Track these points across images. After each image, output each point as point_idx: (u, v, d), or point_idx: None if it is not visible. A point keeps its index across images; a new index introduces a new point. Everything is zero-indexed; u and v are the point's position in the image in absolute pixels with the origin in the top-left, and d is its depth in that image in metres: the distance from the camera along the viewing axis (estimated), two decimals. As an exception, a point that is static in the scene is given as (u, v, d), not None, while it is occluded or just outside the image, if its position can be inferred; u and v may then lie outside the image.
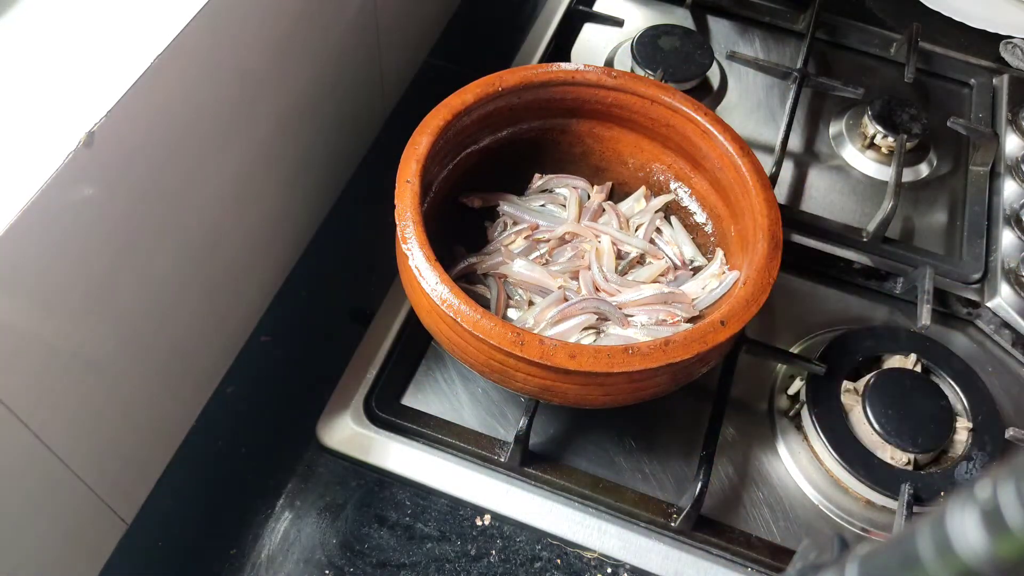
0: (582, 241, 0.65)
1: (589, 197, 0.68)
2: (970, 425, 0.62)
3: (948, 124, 0.79)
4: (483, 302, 0.60)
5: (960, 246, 0.75)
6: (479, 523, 0.59)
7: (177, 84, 0.45)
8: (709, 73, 0.83)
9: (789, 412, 0.64)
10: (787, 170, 0.79)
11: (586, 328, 0.59)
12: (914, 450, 0.60)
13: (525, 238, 0.65)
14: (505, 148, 0.67)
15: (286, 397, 0.64)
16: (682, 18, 0.91)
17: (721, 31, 0.91)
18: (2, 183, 0.37)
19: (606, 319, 0.59)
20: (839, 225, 0.74)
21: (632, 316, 0.60)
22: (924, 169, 0.81)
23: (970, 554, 0.20)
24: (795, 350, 0.67)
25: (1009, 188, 0.78)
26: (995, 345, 0.71)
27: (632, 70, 0.82)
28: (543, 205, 0.68)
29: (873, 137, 0.80)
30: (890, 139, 0.79)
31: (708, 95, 0.84)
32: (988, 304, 0.71)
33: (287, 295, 0.68)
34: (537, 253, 0.64)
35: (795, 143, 0.81)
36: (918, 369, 0.65)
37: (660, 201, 0.67)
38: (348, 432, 0.61)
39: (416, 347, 0.65)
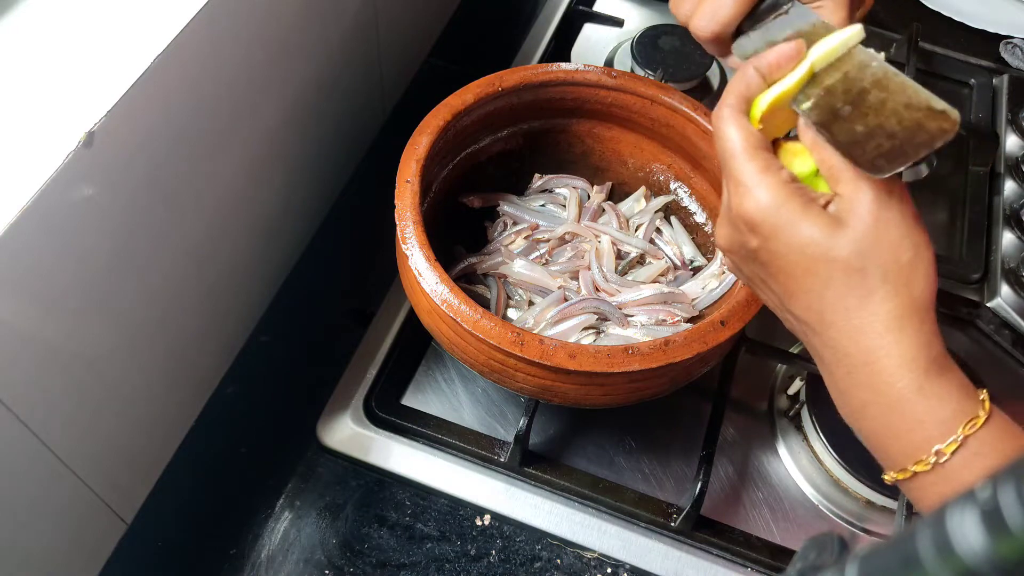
0: (582, 241, 0.65)
1: (589, 197, 0.68)
2: (970, 425, 0.62)
3: (948, 124, 0.79)
4: (483, 302, 0.60)
5: (960, 246, 0.75)
6: (479, 523, 0.59)
7: (177, 84, 0.45)
8: (709, 73, 0.83)
9: (789, 412, 0.64)
10: (787, 170, 0.79)
11: (586, 328, 0.59)
12: (914, 450, 0.60)
13: (525, 238, 0.65)
14: (505, 148, 0.67)
15: (286, 397, 0.64)
16: (682, 18, 0.91)
17: (721, 31, 0.91)
18: (2, 183, 0.37)
19: (606, 319, 0.59)
20: (839, 225, 0.74)
21: (632, 316, 0.60)
22: (924, 169, 0.81)
23: (970, 554, 0.20)
24: (795, 350, 0.67)
25: (1009, 188, 0.78)
26: (995, 345, 0.71)
27: (632, 70, 0.82)
28: (543, 205, 0.68)
29: (873, 137, 0.80)
30: (890, 139, 0.79)
31: (708, 95, 0.84)
32: (988, 304, 0.71)
33: (287, 295, 0.68)
34: (537, 253, 0.64)
35: (795, 143, 0.81)
36: (918, 369, 0.65)
37: (660, 201, 0.67)
38: (348, 432, 0.61)
39: (416, 347, 0.65)
